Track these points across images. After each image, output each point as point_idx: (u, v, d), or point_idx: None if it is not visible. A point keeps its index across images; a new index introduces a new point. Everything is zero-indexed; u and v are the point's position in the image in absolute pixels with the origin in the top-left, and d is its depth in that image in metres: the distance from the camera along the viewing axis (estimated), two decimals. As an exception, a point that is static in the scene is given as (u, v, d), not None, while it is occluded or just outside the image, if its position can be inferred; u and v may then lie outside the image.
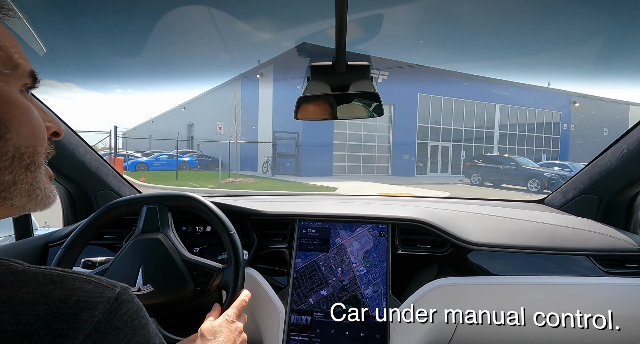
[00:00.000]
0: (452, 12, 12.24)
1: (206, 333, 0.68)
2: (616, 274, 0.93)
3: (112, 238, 1.08)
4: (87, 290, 0.32)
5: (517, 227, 1.02)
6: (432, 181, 13.75)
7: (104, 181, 1.22)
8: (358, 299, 0.93)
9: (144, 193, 0.92)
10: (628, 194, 1.10)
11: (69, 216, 1.23)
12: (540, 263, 0.95)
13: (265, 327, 0.94)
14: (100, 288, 0.33)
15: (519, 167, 11.71)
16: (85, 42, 1.79)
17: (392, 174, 15.46)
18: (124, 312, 0.33)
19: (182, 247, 0.81)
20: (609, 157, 1.08)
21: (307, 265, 0.98)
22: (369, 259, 0.97)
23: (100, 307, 0.32)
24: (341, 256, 0.98)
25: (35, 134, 0.37)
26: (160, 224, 0.82)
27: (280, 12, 11.00)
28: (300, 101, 0.82)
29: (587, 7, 11.16)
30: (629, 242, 0.96)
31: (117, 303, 0.33)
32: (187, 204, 0.86)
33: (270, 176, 13.27)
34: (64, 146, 1.04)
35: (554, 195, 1.33)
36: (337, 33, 0.69)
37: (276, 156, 13.92)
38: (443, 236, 0.98)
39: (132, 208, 0.86)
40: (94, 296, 0.32)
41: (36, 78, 0.38)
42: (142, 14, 6.76)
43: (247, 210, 1.04)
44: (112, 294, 0.33)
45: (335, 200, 1.48)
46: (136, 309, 0.35)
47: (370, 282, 0.94)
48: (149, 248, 0.79)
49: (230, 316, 0.72)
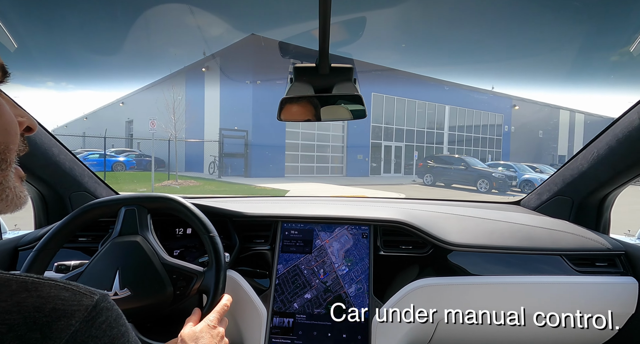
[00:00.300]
0: (405, 17, 12.57)
1: (187, 339, 0.67)
2: (587, 272, 0.96)
3: (87, 241, 1.06)
4: (63, 298, 0.31)
5: (494, 228, 1.05)
6: (386, 181, 13.66)
7: (79, 181, 1.18)
8: (342, 299, 0.93)
9: (122, 194, 0.91)
10: (598, 196, 1.14)
11: (41, 219, 1.20)
12: (516, 263, 0.98)
13: (246, 329, 0.94)
14: (78, 296, 0.32)
15: (469, 167, 11.80)
16: (16, 32, 1.28)
17: (346, 175, 15.28)
18: (102, 320, 0.32)
19: (162, 250, 0.80)
20: (580, 160, 1.12)
21: (289, 267, 0.99)
22: (350, 258, 0.98)
23: (78, 315, 0.30)
24: (322, 257, 0.99)
25: (7, 130, 0.37)
26: (138, 227, 0.81)
27: (260, 12, 10.58)
28: (284, 102, 0.81)
29: (527, 23, 12.09)
30: (599, 242, 1.00)
31: (95, 311, 0.32)
32: (167, 205, 0.84)
33: (216, 177, 12.48)
34: (35, 145, 1.00)
35: (530, 197, 1.36)
36: (321, 35, 0.69)
37: (223, 155, 13.01)
38: (424, 237, 0.99)
39: (110, 210, 0.84)
40: (71, 304, 0.31)
41: (6, 72, 0.38)
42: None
43: (229, 212, 1.04)
44: (90, 301, 0.32)
45: (318, 202, 1.47)
46: (115, 317, 0.34)
47: (353, 280, 0.95)
48: (127, 251, 0.77)
49: (212, 321, 0.72)
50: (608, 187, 1.08)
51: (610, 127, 1.00)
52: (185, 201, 0.84)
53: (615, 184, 1.07)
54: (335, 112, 0.84)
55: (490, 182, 11.06)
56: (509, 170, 12.15)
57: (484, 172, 11.63)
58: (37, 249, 0.77)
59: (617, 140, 0.96)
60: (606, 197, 1.14)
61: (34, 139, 0.98)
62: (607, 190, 1.10)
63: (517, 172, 11.93)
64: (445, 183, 12.18)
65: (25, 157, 0.39)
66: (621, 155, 0.97)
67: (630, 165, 0.97)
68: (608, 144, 1.00)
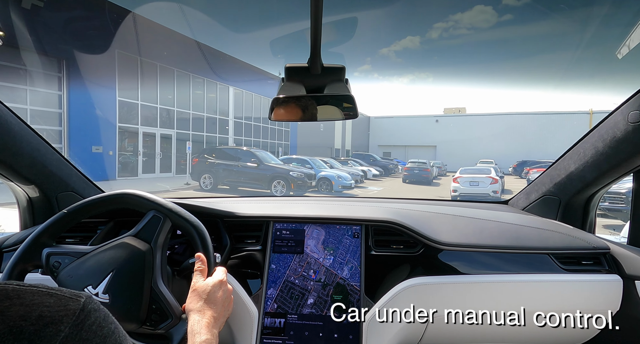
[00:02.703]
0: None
1: (200, 291, 0.70)
2: (573, 271, 0.98)
3: (74, 242, 1.05)
4: (49, 304, 0.31)
5: (484, 228, 1.06)
6: (147, 185, 9.24)
7: (66, 182, 1.16)
8: (333, 299, 0.93)
9: (161, 198, 0.85)
10: (584, 196, 1.16)
11: (27, 220, 1.18)
12: (505, 262, 0.99)
13: (238, 330, 0.93)
14: (64, 300, 0.32)
15: (261, 164, 9.34)
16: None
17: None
18: (91, 322, 0.32)
19: (161, 271, 0.78)
20: (567, 161, 1.13)
21: (281, 267, 0.98)
22: (341, 258, 0.98)
23: (66, 320, 0.30)
24: (314, 257, 0.99)
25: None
26: (155, 237, 0.79)
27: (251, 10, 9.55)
28: (275, 102, 0.81)
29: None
30: (585, 240, 1.02)
31: (83, 314, 0.32)
32: (189, 232, 0.82)
33: None
34: (21, 145, 0.98)
35: (518, 196, 1.38)
36: (312, 35, 0.70)
37: None
38: (415, 237, 1.00)
39: (141, 206, 0.82)
40: (57, 310, 0.30)
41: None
42: None
43: (220, 212, 1.03)
44: (77, 305, 0.32)
45: (309, 201, 1.48)
46: (104, 316, 0.34)
47: (344, 280, 0.95)
48: (129, 257, 0.76)
49: (223, 277, 0.75)
50: (593, 187, 1.10)
51: (596, 127, 1.01)
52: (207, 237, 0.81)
53: (600, 185, 1.09)
54: (327, 112, 0.85)
55: (288, 183, 9.01)
56: (306, 166, 10.41)
57: (280, 170, 9.28)
58: (33, 236, 0.78)
59: (602, 141, 0.98)
60: (592, 197, 1.16)
61: (20, 139, 0.96)
62: (593, 190, 1.12)
63: (313, 168, 10.40)
64: (231, 185, 9.43)
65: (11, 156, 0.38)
66: (606, 156, 0.99)
67: (614, 165, 0.99)
68: (594, 145, 1.01)
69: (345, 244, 1.00)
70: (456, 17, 20.25)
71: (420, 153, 22.83)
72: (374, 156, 20.42)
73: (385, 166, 18.19)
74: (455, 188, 10.07)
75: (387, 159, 21.58)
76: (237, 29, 13.12)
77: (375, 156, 20.48)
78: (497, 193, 9.82)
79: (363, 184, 12.57)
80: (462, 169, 11.03)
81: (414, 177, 14.01)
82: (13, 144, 0.93)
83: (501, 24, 11.61)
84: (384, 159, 21.60)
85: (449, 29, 13.76)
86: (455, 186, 10.11)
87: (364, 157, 19.12)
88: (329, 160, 13.13)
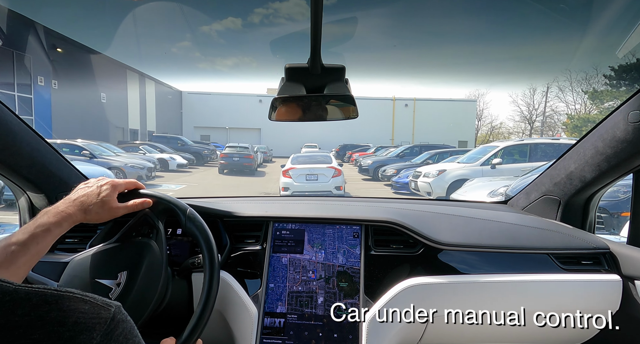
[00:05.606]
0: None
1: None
2: (573, 271, 0.98)
3: (74, 242, 1.05)
4: (83, 311, 0.31)
5: (484, 228, 1.07)
6: None
7: (66, 182, 1.15)
8: (333, 299, 0.94)
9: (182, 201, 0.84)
10: (584, 196, 1.16)
11: (27, 220, 1.17)
12: (506, 261, 0.99)
13: (237, 330, 0.94)
14: (96, 308, 0.32)
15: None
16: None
17: None
18: (119, 332, 0.33)
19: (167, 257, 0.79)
20: (567, 161, 1.13)
21: (281, 267, 0.98)
22: (341, 258, 0.98)
23: (98, 329, 0.31)
24: (313, 257, 0.99)
25: None
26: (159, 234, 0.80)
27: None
28: (275, 102, 0.82)
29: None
30: (585, 240, 1.02)
31: (113, 324, 0.32)
32: (194, 227, 0.81)
33: None
34: (21, 145, 0.97)
35: (518, 196, 1.37)
36: (312, 35, 0.70)
37: None
38: (415, 237, 1.00)
39: (180, 211, 0.81)
40: (91, 317, 0.31)
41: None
42: None
43: (220, 212, 1.03)
44: (108, 314, 0.33)
45: (309, 202, 1.48)
46: (130, 328, 0.35)
47: (344, 280, 0.96)
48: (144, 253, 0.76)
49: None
50: (593, 187, 1.10)
51: (596, 127, 1.01)
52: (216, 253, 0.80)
53: (600, 184, 1.09)
54: (327, 112, 0.85)
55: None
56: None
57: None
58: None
59: (602, 140, 0.98)
60: (592, 197, 1.16)
61: (20, 139, 0.96)
62: (593, 190, 1.13)
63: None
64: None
65: (11, 156, 0.38)
66: (606, 155, 0.99)
67: (614, 166, 0.99)
68: (593, 145, 1.02)
69: (345, 244, 1.00)
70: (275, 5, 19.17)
71: (244, 136, 21.18)
72: (184, 140, 16.91)
73: (199, 152, 15.07)
74: (287, 185, 7.61)
75: (201, 144, 17.96)
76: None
77: (185, 140, 17.00)
78: (340, 189, 7.63)
79: (152, 182, 9.20)
80: (294, 157, 8.37)
81: (234, 166, 11.62)
82: (13, 144, 0.93)
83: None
84: (198, 143, 18.04)
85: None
86: (287, 182, 7.63)
87: (170, 141, 15.56)
88: (97, 146, 9.59)
